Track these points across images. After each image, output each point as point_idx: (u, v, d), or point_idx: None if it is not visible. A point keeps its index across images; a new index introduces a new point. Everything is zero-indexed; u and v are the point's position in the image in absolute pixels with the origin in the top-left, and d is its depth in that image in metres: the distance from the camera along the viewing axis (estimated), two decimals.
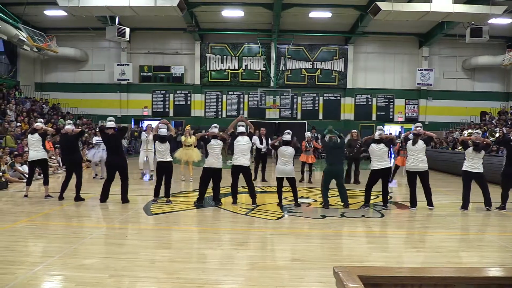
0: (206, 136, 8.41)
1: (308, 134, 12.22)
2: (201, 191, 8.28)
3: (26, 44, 19.16)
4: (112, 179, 8.38)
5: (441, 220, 7.56)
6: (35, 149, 8.72)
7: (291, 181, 8.24)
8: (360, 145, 11.52)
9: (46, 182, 8.80)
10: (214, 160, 8.23)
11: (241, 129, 8.57)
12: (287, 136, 8.35)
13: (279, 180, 8.32)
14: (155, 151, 8.77)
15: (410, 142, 8.36)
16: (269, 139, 11.80)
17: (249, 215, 7.57)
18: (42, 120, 9.81)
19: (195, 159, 11.63)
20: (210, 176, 8.29)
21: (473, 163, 8.29)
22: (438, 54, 24.02)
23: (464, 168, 8.44)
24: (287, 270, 4.62)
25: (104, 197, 8.31)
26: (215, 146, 8.24)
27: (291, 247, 5.58)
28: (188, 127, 12.31)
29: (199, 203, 8.26)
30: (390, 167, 8.48)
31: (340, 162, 8.50)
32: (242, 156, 8.28)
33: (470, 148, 8.37)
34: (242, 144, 8.32)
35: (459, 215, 8.03)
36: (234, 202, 8.36)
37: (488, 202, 8.30)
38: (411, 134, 8.60)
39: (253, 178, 9.89)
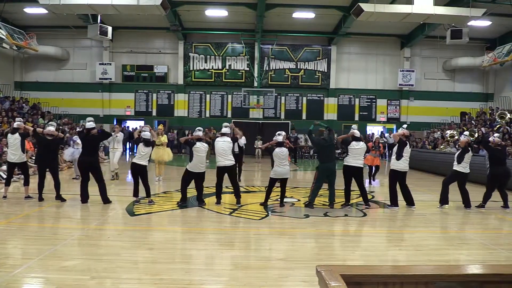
0: (191, 140, 8.36)
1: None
2: (183, 191, 8.26)
3: (5, 42, 18.72)
4: (87, 179, 8.26)
5: (422, 218, 7.68)
6: (14, 151, 8.50)
7: (285, 181, 8.30)
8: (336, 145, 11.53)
9: (26, 183, 8.59)
10: (199, 164, 8.17)
11: (226, 130, 8.55)
12: (279, 138, 8.36)
13: (273, 181, 8.31)
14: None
15: (407, 145, 8.36)
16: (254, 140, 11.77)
17: (233, 215, 7.56)
18: (21, 119, 9.49)
19: (166, 159, 11.55)
20: (193, 178, 8.28)
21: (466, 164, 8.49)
22: (419, 55, 24.37)
23: (460, 170, 8.51)
24: (271, 270, 4.63)
25: (84, 197, 8.18)
26: (201, 149, 8.15)
27: (275, 247, 5.60)
28: (160, 127, 12.20)
29: (183, 204, 8.22)
30: (362, 168, 8.53)
31: (333, 159, 8.55)
32: (225, 157, 8.26)
33: (470, 152, 8.51)
34: (222, 142, 8.33)
35: (440, 213, 8.17)
36: (218, 202, 8.33)
37: (467, 203, 8.50)
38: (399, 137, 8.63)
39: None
